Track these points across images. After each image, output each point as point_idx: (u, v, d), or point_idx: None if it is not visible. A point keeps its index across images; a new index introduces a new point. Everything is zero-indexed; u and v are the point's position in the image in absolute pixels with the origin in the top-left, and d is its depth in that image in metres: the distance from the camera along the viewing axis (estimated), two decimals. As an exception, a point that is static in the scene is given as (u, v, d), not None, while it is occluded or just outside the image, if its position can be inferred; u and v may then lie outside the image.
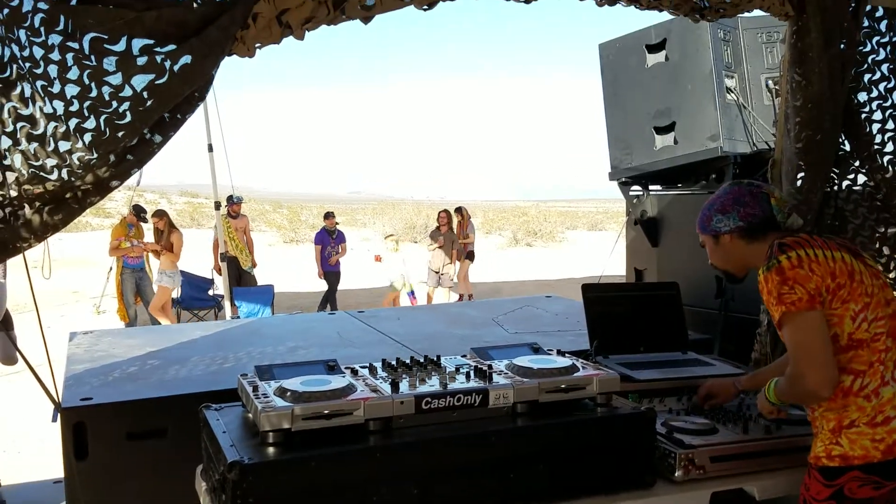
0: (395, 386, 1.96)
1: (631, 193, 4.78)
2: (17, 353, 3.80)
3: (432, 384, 2.02)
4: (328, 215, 12.32)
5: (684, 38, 4.27)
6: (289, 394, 1.89)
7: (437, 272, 11.90)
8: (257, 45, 2.20)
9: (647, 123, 4.50)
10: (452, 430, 1.93)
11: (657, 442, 2.15)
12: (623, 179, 4.74)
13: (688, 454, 2.10)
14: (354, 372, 2.14)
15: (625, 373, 2.58)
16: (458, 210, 12.88)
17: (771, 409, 2.17)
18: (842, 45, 2.85)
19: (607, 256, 5.10)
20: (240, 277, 10.57)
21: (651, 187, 4.75)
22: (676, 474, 2.09)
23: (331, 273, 11.74)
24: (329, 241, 11.78)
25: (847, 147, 3.08)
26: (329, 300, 11.62)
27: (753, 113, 4.25)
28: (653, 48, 4.45)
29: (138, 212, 10.43)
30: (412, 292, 11.72)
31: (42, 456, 5.25)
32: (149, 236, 10.28)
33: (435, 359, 2.25)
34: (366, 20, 2.31)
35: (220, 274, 9.60)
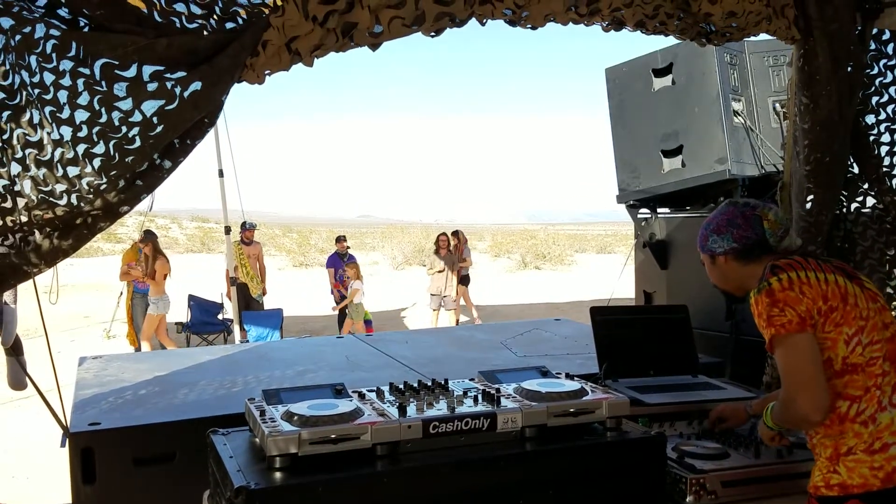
0: (402, 410, 1.95)
1: (639, 216, 4.77)
2: (27, 378, 3.82)
3: (440, 408, 2.01)
4: (339, 239, 12.37)
5: (691, 61, 4.29)
6: (296, 418, 1.89)
7: (439, 295, 11.90)
8: (267, 71, 2.22)
9: (654, 147, 4.51)
10: (460, 454, 1.92)
11: (668, 467, 2.13)
12: (631, 202, 4.74)
13: (699, 479, 2.08)
14: (362, 396, 2.13)
15: (634, 396, 2.56)
16: (455, 234, 12.90)
17: (772, 436, 2.15)
18: (849, 68, 2.86)
19: (616, 279, 5.09)
20: (248, 304, 10.49)
21: (659, 210, 4.75)
22: (688, 500, 2.07)
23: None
24: (341, 264, 11.83)
25: (856, 169, 3.07)
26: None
27: (761, 136, 4.25)
28: (659, 72, 4.47)
29: (150, 236, 10.50)
30: (369, 321, 11.26)
31: (51, 481, 5.23)
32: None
33: (443, 382, 2.24)
34: (374, 47, 2.33)
35: (231, 299, 9.65)
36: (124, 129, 2.00)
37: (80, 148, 2.01)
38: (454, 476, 1.89)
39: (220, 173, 8.51)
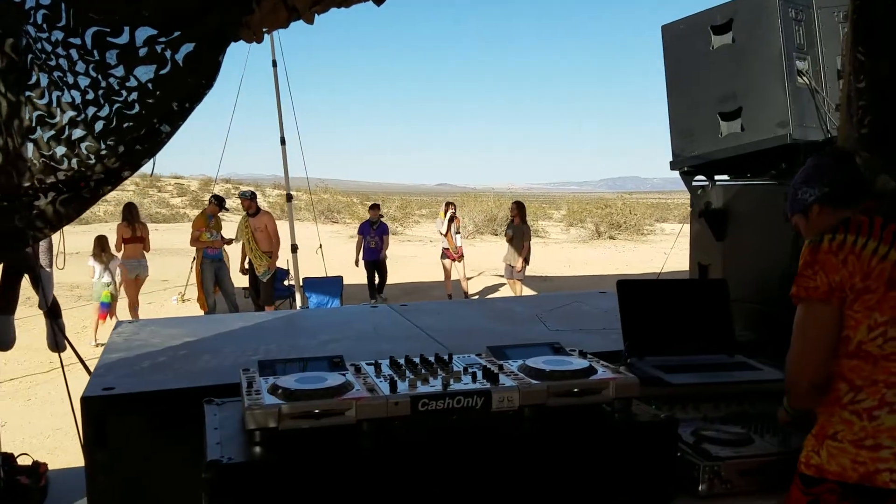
0: (393, 386, 1.87)
1: (694, 184, 4.52)
2: (66, 341, 3.94)
3: (434, 385, 1.91)
4: (373, 207, 12.57)
5: (752, 18, 3.98)
6: (280, 391, 1.83)
7: (510, 265, 11.85)
8: (264, 29, 2.14)
9: (711, 109, 4.23)
10: (450, 434, 1.83)
11: (681, 452, 1.99)
12: (685, 169, 4.49)
13: (713, 466, 1.94)
14: (358, 369, 2.05)
15: (657, 376, 2.41)
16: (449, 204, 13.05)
17: (785, 420, 2.07)
18: (915, 20, 2.57)
19: (669, 251, 4.86)
20: (255, 284, 10.00)
21: (717, 177, 4.49)
22: (700, 488, 1.94)
23: (371, 262, 11.91)
24: (370, 231, 12.01)
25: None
26: (377, 287, 11.81)
27: (828, 98, 3.93)
28: (718, 29, 4.17)
29: (219, 202, 10.72)
30: (105, 304, 9.91)
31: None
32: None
33: (446, 357, 2.15)
34: (378, 2, 2.21)
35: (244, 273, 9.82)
36: (123, 93, 1.97)
37: (90, 111, 1.99)
38: (442, 457, 1.80)
39: (282, 141, 8.57)
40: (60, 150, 2.04)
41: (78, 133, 2.04)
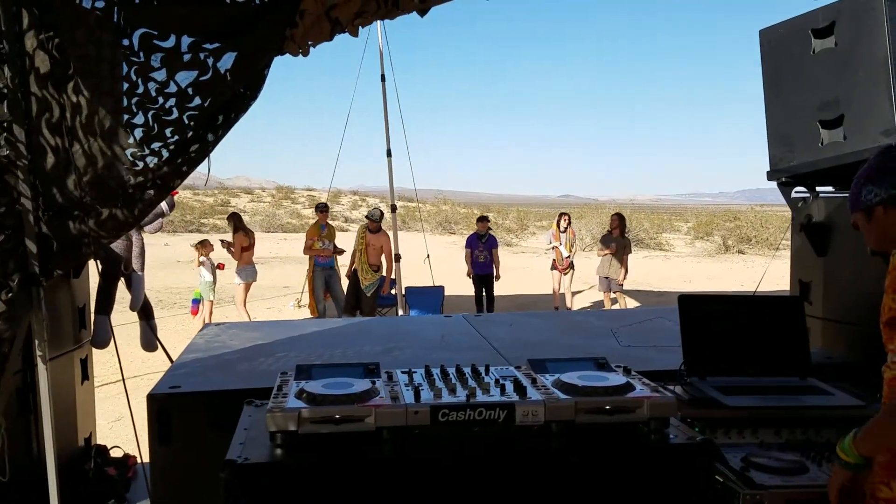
0: (416, 394, 1.86)
1: (794, 195, 4.25)
2: (157, 341, 4.17)
3: (459, 396, 1.89)
4: (481, 219, 12.46)
5: (856, 20, 3.72)
6: (305, 395, 1.86)
7: (606, 277, 11.53)
8: (309, 42, 2.19)
9: (811, 117, 3.97)
10: (471, 447, 1.80)
11: (724, 479, 1.86)
12: (783, 179, 4.23)
13: (755, 496, 1.81)
14: (390, 377, 2.06)
15: (714, 397, 2.27)
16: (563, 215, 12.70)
17: (844, 479, 1.72)
18: None
19: (767, 267, 4.58)
20: (357, 295, 10.05)
21: (819, 189, 4.20)
22: (739, 518, 1.80)
23: (480, 276, 11.79)
24: (478, 244, 11.84)
25: None
26: (483, 301, 11.68)
27: (940, 104, 3.60)
28: (820, 33, 3.92)
29: (318, 208, 11.13)
30: (196, 300, 10.56)
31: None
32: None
33: (482, 369, 2.11)
34: (422, 13, 2.22)
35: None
36: (161, 99, 2.07)
37: (112, 121, 2.10)
38: (464, 469, 1.77)
39: (388, 153, 8.74)
40: (105, 155, 2.15)
41: (119, 139, 2.14)
